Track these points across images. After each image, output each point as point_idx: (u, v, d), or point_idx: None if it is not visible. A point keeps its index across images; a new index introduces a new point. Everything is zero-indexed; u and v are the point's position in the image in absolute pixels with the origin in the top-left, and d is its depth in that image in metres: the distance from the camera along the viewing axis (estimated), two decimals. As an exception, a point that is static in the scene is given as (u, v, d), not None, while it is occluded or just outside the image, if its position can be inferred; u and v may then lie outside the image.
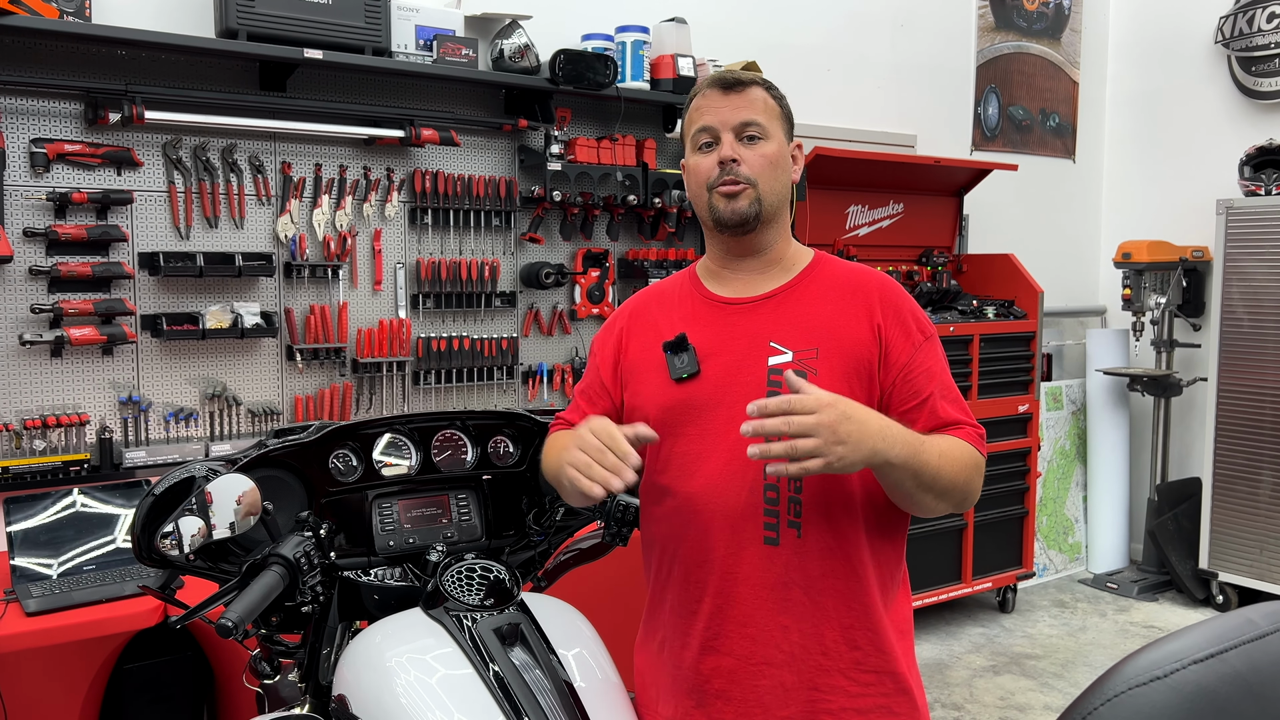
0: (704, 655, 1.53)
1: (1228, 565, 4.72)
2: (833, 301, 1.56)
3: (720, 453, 1.50)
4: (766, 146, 1.55)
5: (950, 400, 1.52)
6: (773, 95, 1.59)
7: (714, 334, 1.57)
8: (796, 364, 1.49)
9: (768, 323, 1.55)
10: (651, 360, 1.59)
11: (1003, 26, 5.20)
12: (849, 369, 1.50)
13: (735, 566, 1.49)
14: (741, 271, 1.61)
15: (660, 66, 3.72)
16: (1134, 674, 0.58)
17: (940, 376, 1.53)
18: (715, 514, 1.50)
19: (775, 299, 1.58)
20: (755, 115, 1.55)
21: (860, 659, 1.50)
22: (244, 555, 1.53)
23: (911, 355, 1.52)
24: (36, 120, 2.81)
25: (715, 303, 1.60)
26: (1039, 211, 5.43)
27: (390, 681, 1.44)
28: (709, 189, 1.55)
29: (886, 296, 1.56)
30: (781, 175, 1.57)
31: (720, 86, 1.56)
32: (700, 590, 1.52)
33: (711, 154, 1.55)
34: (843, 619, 1.49)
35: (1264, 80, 4.95)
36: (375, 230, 3.34)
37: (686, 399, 1.54)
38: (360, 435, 1.75)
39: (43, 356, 2.84)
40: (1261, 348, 4.57)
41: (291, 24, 2.96)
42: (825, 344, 1.51)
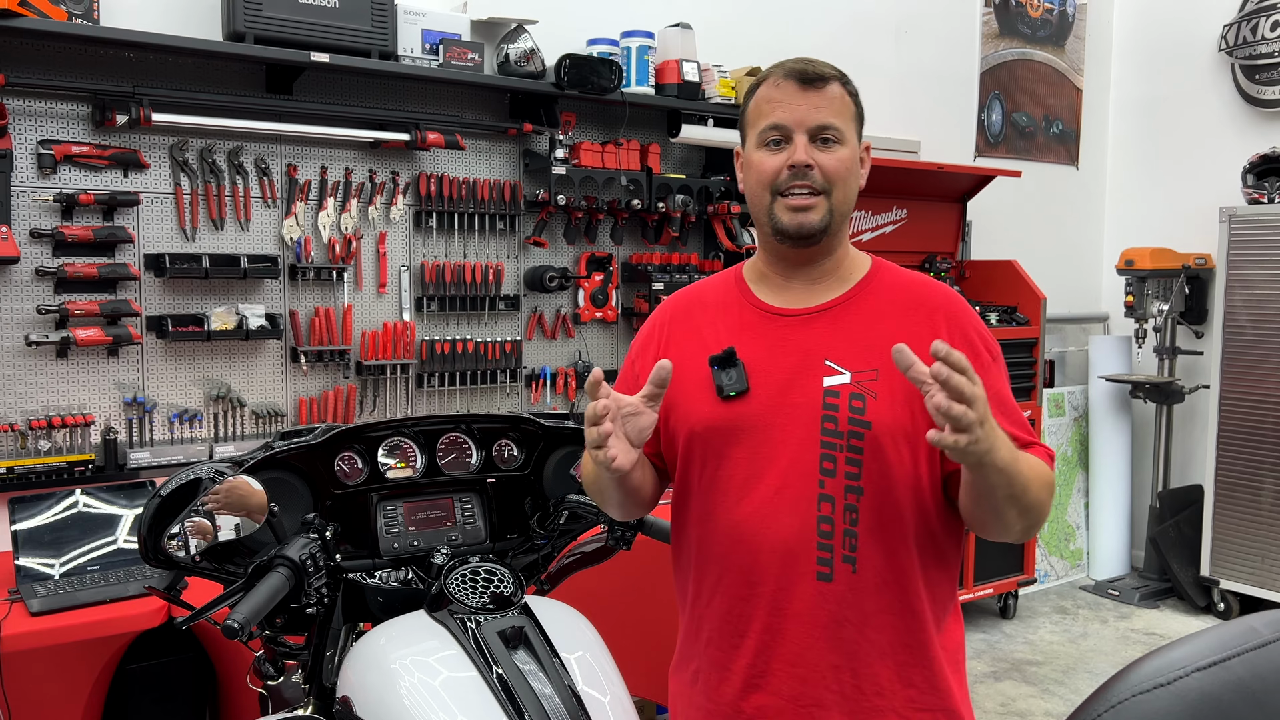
0: (747, 693, 1.43)
1: (1229, 573, 4.71)
2: (893, 316, 1.44)
3: (770, 479, 1.40)
4: (842, 151, 1.43)
5: (1017, 425, 1.41)
6: (849, 92, 1.47)
7: (764, 348, 1.45)
8: (854, 386, 1.39)
9: (823, 338, 1.44)
10: (695, 373, 1.46)
11: (1007, 33, 5.21)
12: (911, 393, 1.35)
13: (785, 602, 1.40)
14: (796, 280, 1.49)
15: (665, 71, 3.73)
16: (1137, 681, 0.58)
17: (1006, 401, 1.42)
18: (764, 545, 1.40)
19: (832, 311, 1.46)
20: (833, 117, 1.42)
21: (915, 697, 1.42)
22: (250, 557, 1.54)
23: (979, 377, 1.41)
24: (44, 122, 2.82)
25: (766, 313, 1.48)
26: (1042, 218, 5.43)
27: (394, 683, 1.45)
28: (774, 192, 1.43)
29: (952, 313, 1.45)
30: (854, 181, 1.46)
31: (799, 80, 1.42)
32: (744, 624, 1.42)
33: (780, 153, 1.42)
34: (898, 656, 1.40)
35: (1267, 88, 4.95)
36: (380, 233, 3.35)
37: (734, 418, 1.43)
38: (366, 438, 1.75)
39: (48, 357, 2.85)
40: (1264, 355, 4.57)
41: (298, 27, 2.97)
42: (886, 365, 1.36)
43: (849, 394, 1.39)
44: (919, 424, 1.36)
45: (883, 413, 1.38)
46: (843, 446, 1.38)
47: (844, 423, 1.38)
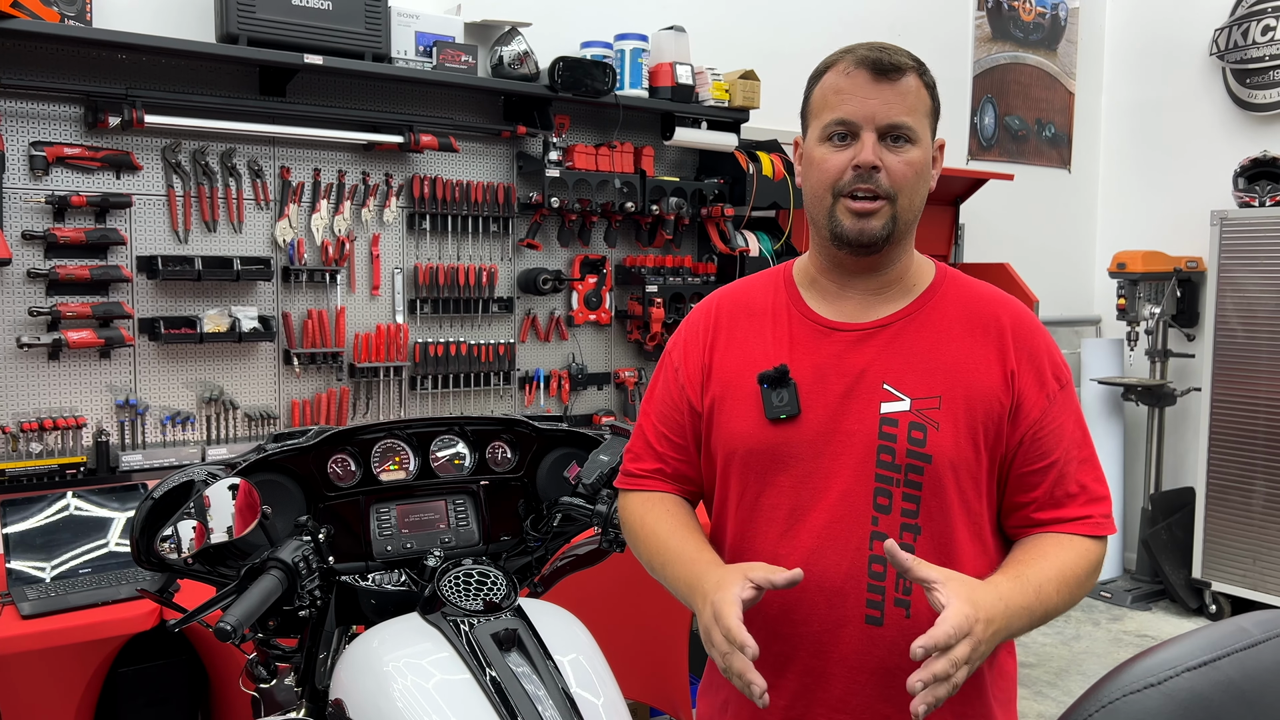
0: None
1: (1221, 575, 4.73)
2: (959, 337, 1.33)
3: (819, 512, 1.30)
4: (913, 152, 1.29)
5: (1079, 463, 1.32)
6: (926, 84, 1.32)
7: (817, 366, 1.33)
8: (914, 414, 1.28)
9: (881, 358, 1.32)
10: (741, 387, 1.36)
11: (999, 37, 5.23)
12: (974, 424, 1.28)
13: (830, 645, 1.30)
14: (853, 290, 1.37)
15: (659, 74, 3.73)
16: (1128, 681, 0.58)
17: (1072, 434, 1.33)
18: (809, 584, 1.27)
19: (892, 328, 1.34)
20: (907, 115, 1.28)
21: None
22: (242, 559, 1.53)
23: (1045, 409, 1.31)
24: (36, 123, 2.81)
25: (819, 326, 1.36)
26: (1034, 221, 5.45)
27: (387, 686, 1.45)
28: (835, 194, 1.30)
29: (1021, 335, 1.33)
30: (923, 186, 1.33)
31: (872, 69, 1.28)
32: (783, 664, 1.33)
33: (845, 150, 1.29)
34: (953, 706, 1.24)
35: (1258, 92, 4.98)
36: (373, 235, 3.35)
37: (781, 443, 1.32)
38: (358, 440, 1.75)
39: (40, 359, 2.84)
40: (1255, 358, 4.59)
41: (292, 29, 2.97)
42: (949, 391, 1.29)
43: (908, 423, 1.28)
44: (981, 459, 1.29)
45: (945, 445, 1.27)
46: (900, 481, 1.28)
47: (902, 455, 1.28)
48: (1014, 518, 1.34)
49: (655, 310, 3.72)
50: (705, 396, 1.41)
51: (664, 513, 1.43)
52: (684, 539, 1.38)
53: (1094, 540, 1.31)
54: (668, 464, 1.46)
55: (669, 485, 1.47)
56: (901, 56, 1.30)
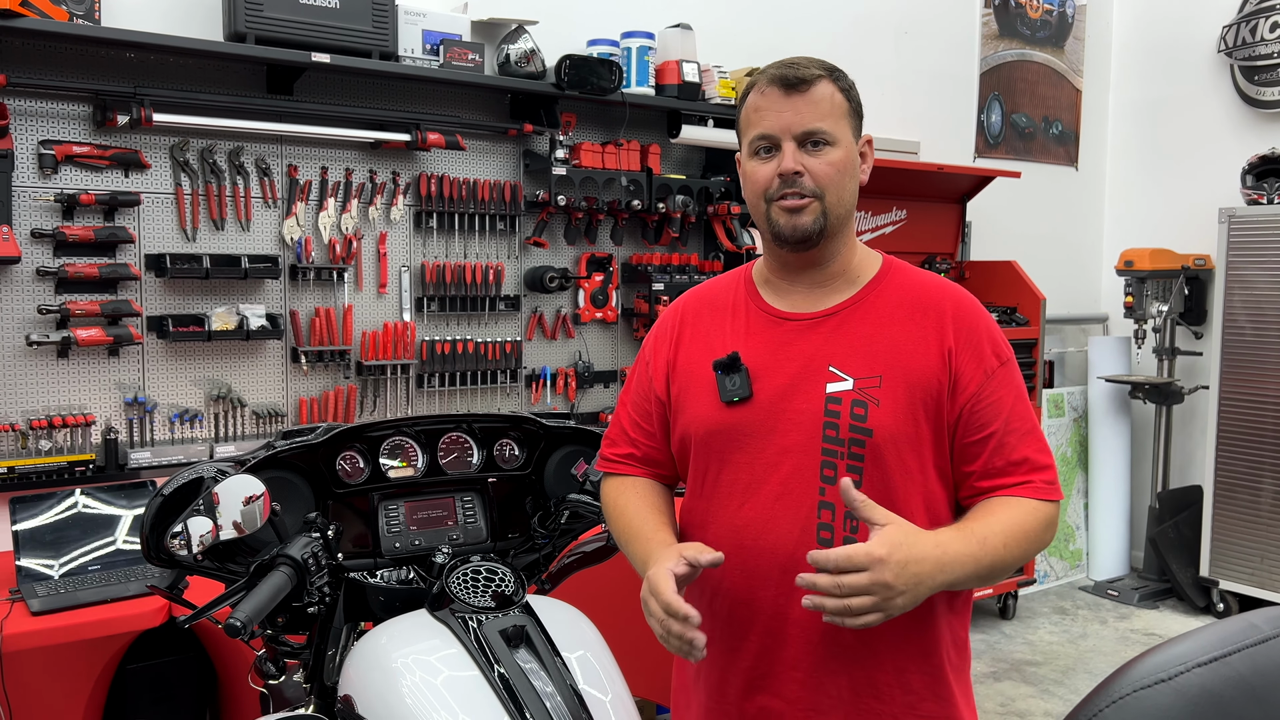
0: (749, 694, 1.45)
1: (1229, 573, 4.72)
2: (900, 321, 1.43)
3: (771, 485, 1.41)
4: (833, 153, 1.41)
5: (1020, 435, 1.39)
6: (840, 88, 1.43)
7: (769, 353, 1.45)
8: (856, 393, 1.38)
9: (828, 343, 1.43)
10: (701, 376, 1.48)
11: (1006, 34, 5.22)
12: (914, 400, 1.38)
13: (786, 608, 1.40)
14: (801, 284, 1.48)
15: (665, 72, 3.73)
16: (1139, 677, 0.58)
17: (1012, 407, 1.40)
18: (764, 551, 1.40)
19: (837, 316, 1.45)
20: (820, 121, 1.40)
21: (914, 702, 1.42)
22: (251, 556, 1.54)
23: (982, 384, 1.40)
24: (45, 122, 2.82)
25: (772, 317, 1.48)
26: (1042, 219, 5.44)
27: (395, 682, 1.45)
28: (768, 200, 1.43)
29: (960, 316, 1.43)
30: (850, 182, 1.44)
31: (781, 85, 1.40)
32: (745, 628, 1.44)
33: (771, 161, 1.42)
34: (897, 662, 1.40)
35: (1267, 89, 4.96)
36: (380, 233, 3.36)
37: (736, 423, 1.43)
38: (367, 437, 1.76)
39: (49, 357, 2.85)
40: (1263, 356, 4.57)
41: (299, 28, 2.97)
42: (889, 371, 1.39)
43: (851, 401, 1.38)
44: (922, 433, 1.38)
45: (885, 420, 1.37)
46: (844, 454, 1.38)
47: (845, 430, 1.38)
48: (963, 489, 1.44)
49: (661, 308, 3.72)
50: (671, 387, 1.53)
51: (634, 495, 1.56)
52: (645, 519, 1.51)
53: (1041, 501, 1.39)
54: (639, 449, 1.58)
55: (641, 469, 1.59)
56: (808, 69, 1.41)
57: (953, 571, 1.28)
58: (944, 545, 1.28)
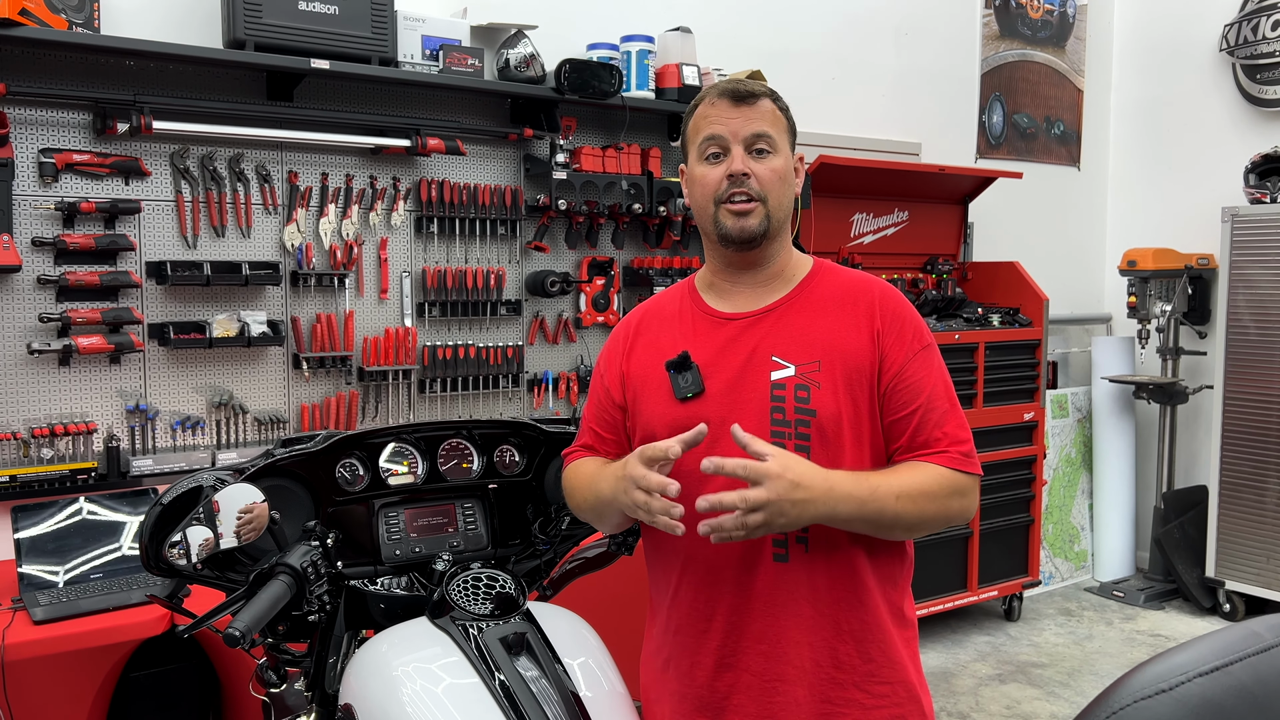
0: (720, 672, 1.52)
1: (1234, 574, 4.70)
2: (832, 312, 1.56)
3: None
4: (775, 160, 1.54)
5: (941, 413, 1.51)
6: (779, 107, 1.59)
7: (715, 350, 1.56)
8: (799, 378, 1.50)
9: (769, 336, 1.55)
10: (655, 378, 1.59)
11: (1007, 34, 5.21)
12: (849, 379, 1.51)
13: (749, 583, 1.50)
14: (742, 284, 1.61)
15: (665, 75, 3.73)
16: (1139, 687, 0.58)
17: (933, 387, 1.52)
18: None
19: (775, 312, 1.57)
20: (766, 128, 1.53)
21: (873, 671, 1.51)
22: (251, 564, 1.53)
23: (904, 364, 1.52)
24: (45, 130, 2.82)
25: (715, 318, 1.60)
26: (1044, 219, 5.43)
27: (396, 690, 1.45)
28: (716, 202, 1.54)
29: (886, 303, 1.56)
30: (788, 190, 1.58)
31: (731, 97, 1.54)
32: (711, 608, 1.52)
33: (719, 165, 1.54)
34: (855, 632, 1.50)
35: (1269, 88, 4.95)
36: (381, 239, 3.36)
37: (693, 417, 1.51)
38: (367, 445, 1.75)
39: (50, 365, 2.85)
40: (1268, 355, 4.56)
41: (298, 34, 2.97)
42: (826, 355, 1.51)
43: (794, 385, 1.50)
44: (860, 410, 1.51)
45: (826, 401, 1.49)
46: (792, 434, 1.49)
47: (791, 412, 1.50)
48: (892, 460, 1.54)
49: (663, 312, 3.71)
50: (627, 393, 1.64)
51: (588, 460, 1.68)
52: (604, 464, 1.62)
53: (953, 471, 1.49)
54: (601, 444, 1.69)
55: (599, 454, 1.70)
56: (755, 86, 1.56)
57: (837, 506, 1.39)
58: (831, 479, 1.40)
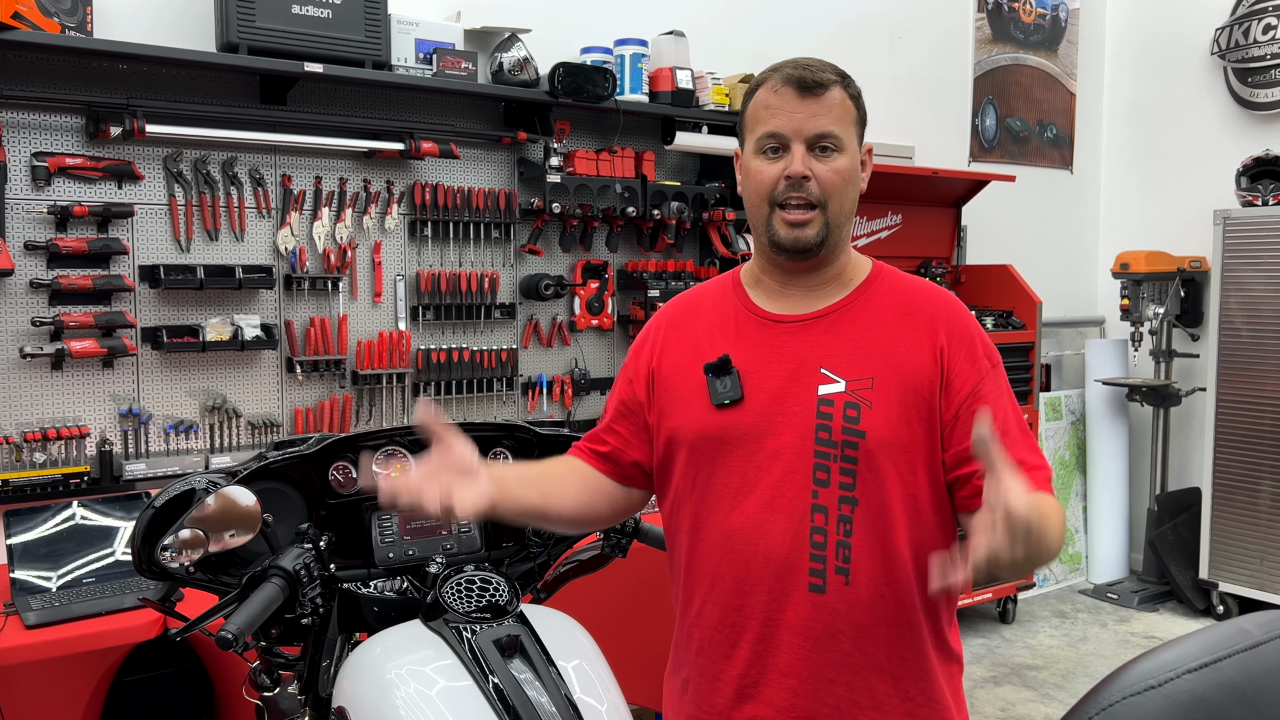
0: (739, 703, 1.41)
1: (1228, 575, 4.71)
2: (891, 323, 1.42)
3: (763, 489, 1.38)
4: (840, 160, 1.39)
5: (1015, 436, 1.37)
6: (850, 94, 1.42)
7: (759, 355, 1.43)
8: (849, 395, 1.37)
9: (819, 345, 1.41)
10: (689, 380, 1.45)
11: (1000, 38, 5.23)
12: (906, 401, 1.37)
13: (778, 613, 1.37)
14: (793, 287, 1.46)
15: (659, 79, 3.73)
16: (1128, 683, 0.58)
17: (1005, 409, 1.38)
18: (756, 556, 1.38)
19: (829, 318, 1.43)
20: (833, 125, 1.38)
21: (912, 710, 1.39)
22: (244, 567, 1.53)
23: (977, 384, 1.38)
24: (38, 134, 2.82)
25: (762, 319, 1.46)
26: (1037, 222, 5.44)
27: (390, 693, 1.44)
28: (771, 203, 1.40)
29: (953, 319, 1.42)
30: (852, 190, 1.43)
31: (797, 86, 1.38)
32: (737, 635, 1.40)
33: (778, 162, 1.39)
34: (894, 669, 1.38)
35: (1260, 91, 4.97)
36: (375, 242, 3.35)
37: (728, 427, 1.41)
38: (359, 447, 1.75)
39: (43, 369, 2.85)
40: (1260, 358, 4.57)
41: (292, 38, 2.97)
42: (881, 372, 1.38)
43: (843, 403, 1.36)
44: (915, 434, 1.36)
45: (878, 422, 1.35)
46: (837, 456, 1.36)
47: (838, 432, 1.36)
48: (966, 488, 1.37)
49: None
50: (654, 393, 1.51)
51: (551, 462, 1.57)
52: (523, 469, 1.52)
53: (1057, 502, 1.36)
54: (605, 446, 1.56)
55: (596, 462, 1.57)
56: (824, 73, 1.39)
57: None
58: None
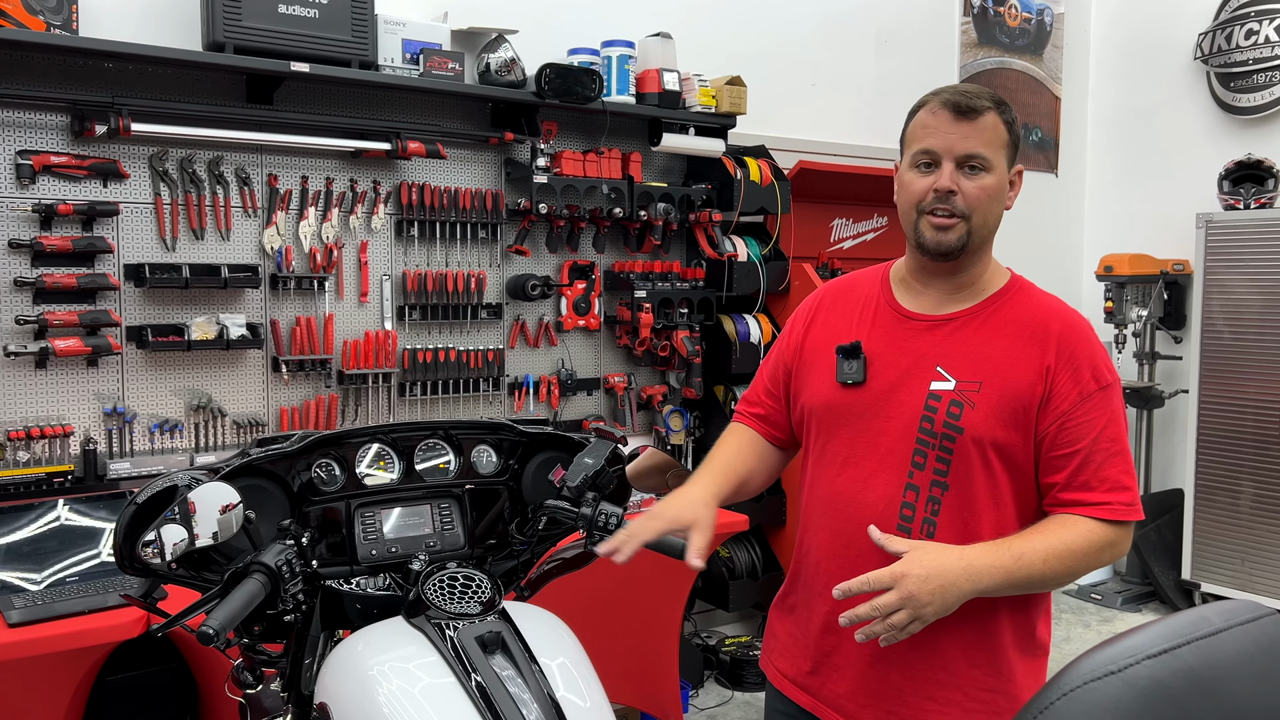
0: (826, 633, 1.63)
1: (1210, 576, 4.75)
2: (1010, 337, 1.56)
3: (868, 461, 1.59)
4: (987, 179, 1.54)
5: (1107, 454, 1.50)
6: (1004, 120, 1.56)
7: (888, 346, 1.62)
8: (956, 394, 1.54)
9: (941, 346, 1.58)
10: (824, 357, 1.66)
11: (985, 42, 5.26)
12: (1005, 410, 1.52)
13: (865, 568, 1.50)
14: (933, 287, 1.63)
15: (646, 81, 3.74)
16: (1089, 669, 0.59)
17: (1102, 430, 1.51)
18: (853, 517, 1.57)
19: (955, 322, 1.60)
20: (982, 147, 1.52)
21: (978, 678, 1.55)
22: (226, 563, 1.53)
23: (1076, 404, 1.51)
24: (22, 132, 2.81)
25: (898, 313, 1.65)
26: (1021, 225, 5.43)
27: (372, 690, 1.44)
28: (919, 211, 1.56)
29: (1066, 339, 1.55)
30: (996, 207, 1.57)
31: (954, 110, 1.53)
32: (829, 579, 1.55)
33: (929, 176, 1.55)
34: (965, 635, 1.54)
35: (1242, 95, 5.01)
36: (361, 242, 3.35)
37: (847, 403, 1.61)
38: (342, 445, 1.75)
39: (27, 368, 2.84)
40: (1242, 360, 4.61)
41: (278, 37, 2.97)
42: (990, 379, 1.53)
43: (949, 400, 1.54)
44: (1012, 439, 1.52)
45: (976, 422, 1.52)
46: (935, 445, 1.54)
47: (939, 425, 1.54)
48: (1047, 497, 1.56)
49: (644, 315, 3.72)
50: (797, 363, 1.74)
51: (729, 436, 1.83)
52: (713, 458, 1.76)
53: (1106, 524, 1.50)
54: (763, 408, 1.82)
55: (759, 425, 1.83)
56: (980, 100, 1.54)
57: (981, 579, 1.43)
58: (967, 557, 1.43)
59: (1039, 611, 1.64)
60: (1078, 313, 1.61)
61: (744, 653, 3.93)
